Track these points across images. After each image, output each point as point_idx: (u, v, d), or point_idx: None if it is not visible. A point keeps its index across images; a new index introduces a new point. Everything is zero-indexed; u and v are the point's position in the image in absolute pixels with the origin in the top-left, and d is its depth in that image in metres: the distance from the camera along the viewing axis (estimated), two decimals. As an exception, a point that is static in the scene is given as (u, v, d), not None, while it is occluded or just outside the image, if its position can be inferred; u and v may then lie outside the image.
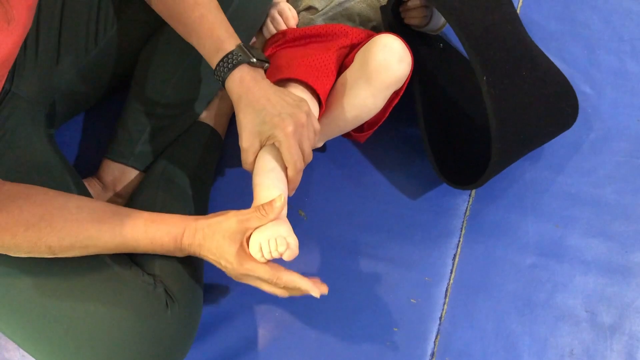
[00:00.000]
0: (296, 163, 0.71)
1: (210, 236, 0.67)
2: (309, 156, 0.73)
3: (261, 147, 0.73)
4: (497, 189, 0.94)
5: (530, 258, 0.89)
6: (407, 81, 0.85)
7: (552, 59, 0.91)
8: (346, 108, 0.85)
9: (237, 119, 0.73)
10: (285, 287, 0.68)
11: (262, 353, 0.83)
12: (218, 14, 0.73)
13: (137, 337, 0.66)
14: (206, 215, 0.71)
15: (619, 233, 0.91)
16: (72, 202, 0.67)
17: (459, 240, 0.90)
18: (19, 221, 0.61)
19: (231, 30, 0.73)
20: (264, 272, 0.66)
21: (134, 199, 0.83)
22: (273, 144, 0.72)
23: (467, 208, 0.92)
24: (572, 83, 0.91)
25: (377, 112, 0.87)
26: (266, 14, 0.92)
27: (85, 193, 0.79)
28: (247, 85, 0.71)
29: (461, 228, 0.91)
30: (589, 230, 0.91)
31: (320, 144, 0.91)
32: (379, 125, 0.89)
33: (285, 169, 0.72)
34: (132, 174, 0.87)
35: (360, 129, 0.90)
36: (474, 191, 0.93)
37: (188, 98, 0.87)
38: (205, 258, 0.70)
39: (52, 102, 0.84)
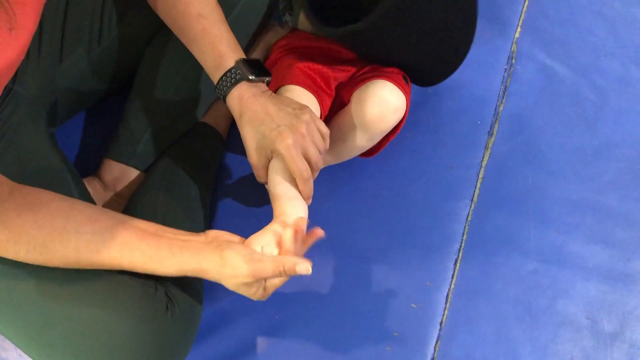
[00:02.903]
0: (302, 173, 0.70)
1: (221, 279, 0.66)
2: (317, 163, 0.72)
3: (269, 160, 0.73)
4: (499, 195, 0.93)
5: (532, 264, 0.89)
6: (405, 117, 0.85)
7: (556, 65, 0.90)
8: (342, 150, 0.87)
9: (241, 135, 0.73)
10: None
11: (262, 356, 0.82)
12: (221, 26, 0.73)
13: (137, 340, 0.65)
14: (215, 254, 0.65)
15: (620, 240, 0.91)
16: (71, 224, 0.61)
17: (461, 246, 0.90)
18: (20, 241, 0.59)
19: (233, 43, 0.73)
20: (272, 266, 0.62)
21: (135, 200, 0.82)
22: None
23: (468, 213, 0.92)
24: (575, 89, 0.90)
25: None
26: (262, 14, 0.91)
27: (85, 193, 0.78)
28: (245, 102, 0.71)
29: (463, 233, 0.91)
30: (590, 237, 0.91)
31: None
32: (380, 149, 0.90)
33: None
34: (133, 174, 0.87)
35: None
36: (476, 196, 0.93)
37: (191, 98, 0.87)
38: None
39: (54, 101, 0.83)
